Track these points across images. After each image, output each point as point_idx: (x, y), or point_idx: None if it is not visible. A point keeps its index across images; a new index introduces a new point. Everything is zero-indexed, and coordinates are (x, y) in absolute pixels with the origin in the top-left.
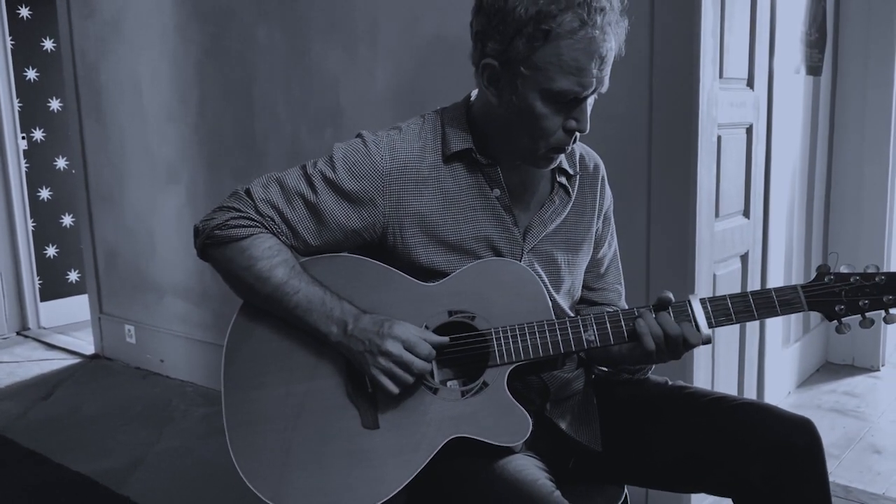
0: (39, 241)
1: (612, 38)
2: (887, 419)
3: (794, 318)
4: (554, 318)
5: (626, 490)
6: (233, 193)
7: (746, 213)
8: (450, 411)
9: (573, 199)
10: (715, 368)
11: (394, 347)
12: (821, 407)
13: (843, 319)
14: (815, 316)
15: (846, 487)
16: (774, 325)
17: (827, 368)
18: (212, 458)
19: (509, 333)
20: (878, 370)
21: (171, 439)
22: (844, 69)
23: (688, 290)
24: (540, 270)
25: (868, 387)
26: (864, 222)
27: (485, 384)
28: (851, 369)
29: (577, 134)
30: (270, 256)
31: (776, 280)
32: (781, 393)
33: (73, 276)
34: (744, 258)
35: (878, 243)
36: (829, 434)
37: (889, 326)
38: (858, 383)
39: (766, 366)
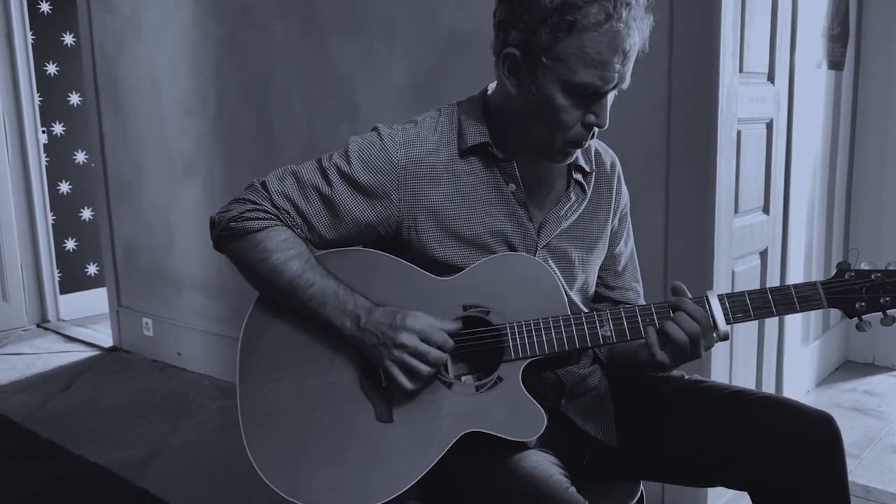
0: (59, 234)
1: (637, 34)
2: None
3: (814, 316)
4: (569, 313)
5: (641, 486)
6: (249, 186)
7: (766, 210)
8: (464, 406)
9: (589, 196)
10: (733, 366)
11: (408, 339)
12: (840, 406)
13: (863, 317)
14: (834, 313)
15: (866, 487)
16: (793, 322)
17: (847, 367)
18: (228, 450)
19: (524, 328)
20: None
21: (187, 432)
22: (867, 64)
23: (706, 286)
24: (554, 267)
25: (889, 386)
26: (886, 219)
27: (499, 379)
28: (872, 368)
29: (596, 129)
30: (285, 249)
31: (796, 277)
32: (800, 391)
33: (91, 269)
34: (763, 255)
35: None
36: (849, 433)
37: None
38: (879, 382)
39: (784, 363)
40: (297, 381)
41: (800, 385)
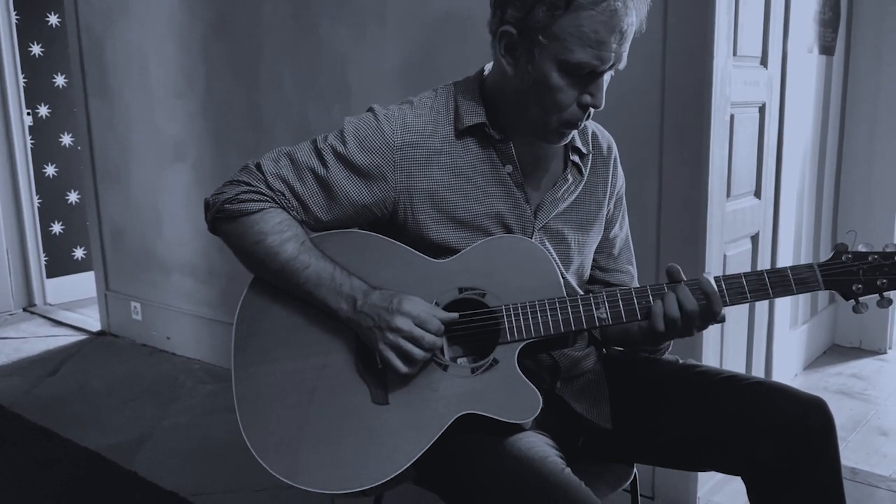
0: (45, 217)
1: (634, 13)
2: (894, 402)
3: (802, 300)
4: (565, 295)
5: (635, 469)
6: (243, 167)
7: (758, 194)
8: (460, 388)
9: (585, 178)
10: (724, 349)
11: (403, 323)
12: (827, 389)
13: (860, 299)
14: (823, 298)
15: (853, 469)
16: (783, 306)
17: (834, 351)
18: (219, 434)
19: (520, 310)
20: (885, 353)
21: (177, 416)
22: (858, 49)
23: (699, 269)
24: (550, 248)
25: (875, 369)
26: (875, 203)
27: (495, 361)
28: (858, 352)
29: (591, 110)
30: (281, 231)
31: (785, 261)
32: (788, 375)
33: (78, 252)
34: (754, 239)
35: (888, 224)
36: (836, 416)
37: None
38: (865, 366)
39: (774, 347)
40: (292, 364)
41: (788, 368)
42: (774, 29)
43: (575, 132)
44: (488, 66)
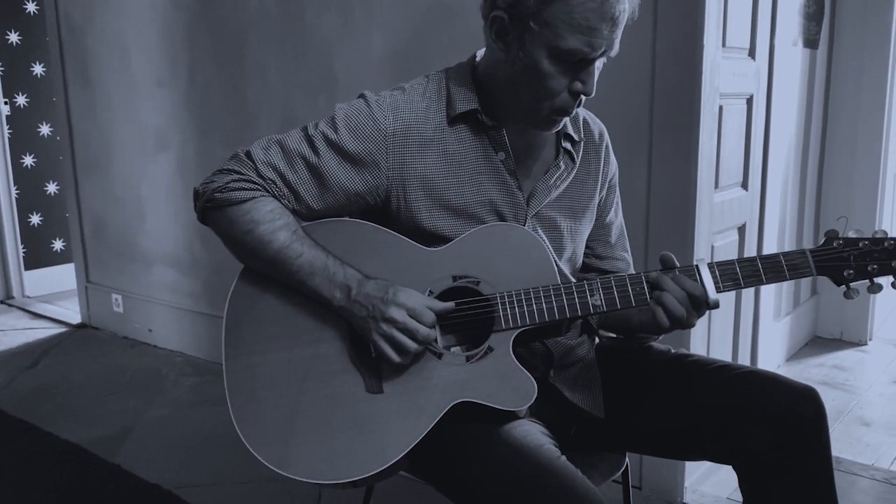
0: (23, 208)
1: (626, 0)
2: (875, 392)
3: (785, 292)
4: (560, 283)
5: (626, 458)
6: (233, 156)
7: (745, 185)
8: (454, 376)
9: (577, 165)
10: (710, 340)
11: (398, 314)
12: (810, 380)
13: (851, 284)
14: (805, 290)
15: (836, 458)
16: (766, 298)
17: (815, 342)
18: (202, 426)
19: (514, 298)
20: (865, 344)
21: (160, 408)
22: (841, 43)
23: (688, 260)
24: (543, 236)
25: (856, 360)
26: (856, 194)
27: (490, 349)
28: (840, 343)
29: (582, 98)
30: (272, 220)
31: (771, 251)
32: (772, 366)
33: (58, 244)
34: (741, 230)
35: (870, 215)
36: None
37: (877, 301)
38: (846, 357)
39: (759, 338)
40: (285, 353)
41: (772, 359)
42: (762, 21)
43: (567, 119)
44: (480, 52)
